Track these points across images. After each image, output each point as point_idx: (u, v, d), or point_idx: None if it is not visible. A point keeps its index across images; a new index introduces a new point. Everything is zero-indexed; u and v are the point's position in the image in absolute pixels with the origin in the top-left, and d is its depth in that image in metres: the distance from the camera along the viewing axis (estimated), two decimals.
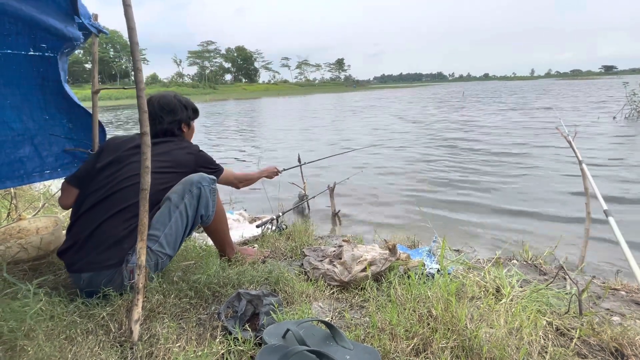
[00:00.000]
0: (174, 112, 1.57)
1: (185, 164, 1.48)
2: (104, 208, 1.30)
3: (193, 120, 1.68)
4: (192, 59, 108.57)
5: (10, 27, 1.37)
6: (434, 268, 1.58)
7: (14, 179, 1.65)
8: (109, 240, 1.25)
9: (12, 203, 2.31)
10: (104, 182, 1.36)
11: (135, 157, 1.38)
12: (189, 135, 1.69)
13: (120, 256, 1.25)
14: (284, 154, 7.39)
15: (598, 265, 2.30)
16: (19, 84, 1.55)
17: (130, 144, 1.45)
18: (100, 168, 1.40)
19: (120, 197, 1.31)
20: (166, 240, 1.33)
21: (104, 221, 1.27)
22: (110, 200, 1.31)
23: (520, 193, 4.08)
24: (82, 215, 1.32)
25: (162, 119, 1.55)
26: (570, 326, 1.19)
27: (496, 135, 8.31)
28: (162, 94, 1.61)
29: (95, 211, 1.30)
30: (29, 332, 0.98)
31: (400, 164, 5.95)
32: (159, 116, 1.54)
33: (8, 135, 1.58)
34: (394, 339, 1.07)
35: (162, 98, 1.57)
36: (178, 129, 1.59)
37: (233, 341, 1.07)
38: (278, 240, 2.13)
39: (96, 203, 1.32)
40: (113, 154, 1.42)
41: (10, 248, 1.64)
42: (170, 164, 1.44)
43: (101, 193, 1.33)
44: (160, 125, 1.55)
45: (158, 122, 1.54)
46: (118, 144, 1.46)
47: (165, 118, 1.55)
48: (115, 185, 1.34)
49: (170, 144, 1.52)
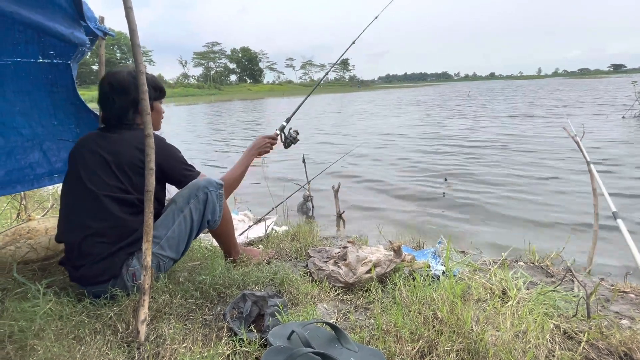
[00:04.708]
0: (127, 92, 1.32)
1: (133, 162, 1.27)
2: (79, 226, 1.25)
3: (157, 101, 1.45)
4: (198, 60, 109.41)
5: (20, 35, 1.40)
6: (439, 270, 1.57)
7: (24, 183, 1.68)
8: (95, 258, 1.23)
9: (21, 204, 2.35)
10: (69, 200, 1.30)
11: (86, 161, 1.28)
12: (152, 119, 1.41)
13: (113, 270, 1.24)
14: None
15: (607, 268, 2.26)
16: (29, 91, 1.58)
17: (82, 149, 1.32)
18: (65, 182, 1.34)
19: (88, 214, 1.24)
20: (168, 244, 1.33)
21: (83, 240, 1.24)
22: (80, 217, 1.25)
23: (527, 194, 4.04)
24: (65, 231, 1.30)
25: (113, 101, 1.33)
26: (578, 329, 1.17)
27: (500, 135, 8.23)
28: (115, 70, 1.39)
29: (74, 228, 1.27)
30: (38, 331, 1.00)
31: (406, 165, 5.93)
32: (110, 98, 1.33)
33: (18, 141, 1.61)
34: (399, 342, 1.07)
35: (113, 75, 1.35)
36: (134, 111, 1.36)
37: (238, 342, 1.07)
38: (283, 241, 2.13)
39: (71, 219, 1.28)
40: (73, 162, 1.32)
41: (20, 248, 1.67)
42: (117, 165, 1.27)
43: (69, 209, 1.29)
44: (110, 109, 1.34)
45: (108, 105, 1.33)
46: (75, 151, 1.34)
47: (117, 99, 1.32)
48: (78, 200, 1.27)
49: (125, 134, 1.31)
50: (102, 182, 1.25)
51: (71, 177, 1.32)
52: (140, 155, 1.25)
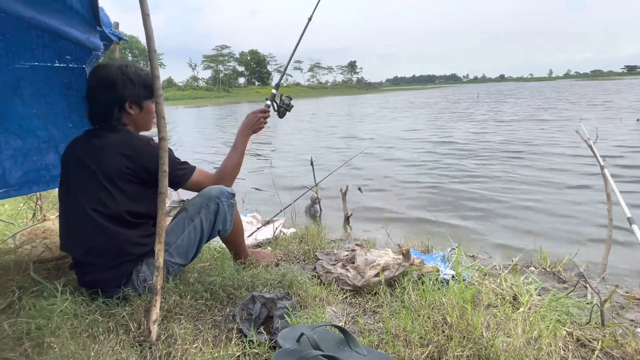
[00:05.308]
0: (113, 88, 1.23)
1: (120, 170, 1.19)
2: (78, 240, 1.24)
3: (147, 100, 1.31)
4: (207, 63, 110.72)
5: (38, 40, 1.44)
6: (448, 274, 1.56)
7: (40, 183, 1.72)
8: (101, 268, 1.24)
9: (37, 204, 2.41)
10: (64, 209, 1.28)
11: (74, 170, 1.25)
12: (141, 119, 1.33)
13: (121, 278, 1.25)
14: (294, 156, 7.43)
15: (621, 274, 2.21)
16: (45, 94, 1.62)
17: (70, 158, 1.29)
18: (60, 185, 1.31)
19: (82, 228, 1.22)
20: (177, 251, 1.34)
21: (85, 254, 1.24)
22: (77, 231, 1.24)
23: (539, 198, 3.97)
24: (66, 243, 1.31)
25: (97, 96, 1.25)
26: (591, 337, 1.15)
27: (510, 139, 8.12)
28: (105, 64, 1.31)
29: (73, 242, 1.27)
30: (55, 329, 1.02)
31: (414, 168, 5.90)
32: (95, 92, 1.25)
33: (34, 143, 1.65)
34: (408, 346, 1.06)
35: (102, 69, 1.27)
36: (119, 109, 1.26)
37: (248, 343, 1.08)
38: (291, 243, 2.14)
39: (69, 232, 1.28)
40: (64, 168, 1.30)
41: (36, 247, 1.71)
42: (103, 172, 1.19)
43: (66, 220, 1.28)
44: (94, 104, 1.26)
45: (93, 100, 1.26)
46: (66, 155, 1.32)
47: (101, 95, 1.24)
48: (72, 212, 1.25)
49: (108, 137, 1.22)
50: (92, 196, 1.20)
51: (63, 184, 1.29)
52: (126, 162, 1.19)
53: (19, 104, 1.57)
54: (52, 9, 1.30)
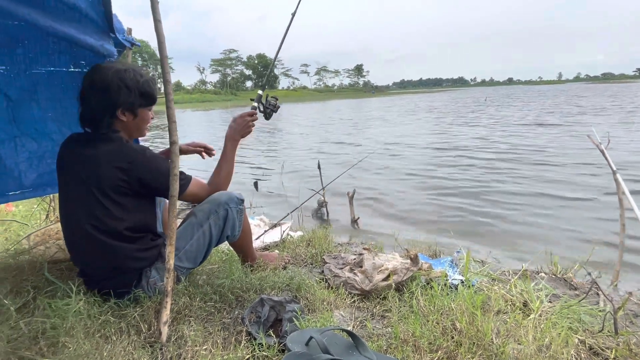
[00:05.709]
0: (106, 92, 1.17)
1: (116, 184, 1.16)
2: (80, 253, 1.26)
3: (142, 108, 1.26)
4: (215, 67, 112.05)
5: (54, 46, 1.49)
6: (456, 279, 1.55)
7: (54, 185, 1.76)
8: (108, 275, 1.25)
9: (50, 205, 2.46)
10: (64, 215, 1.28)
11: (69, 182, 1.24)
12: (134, 125, 1.27)
13: (130, 284, 1.27)
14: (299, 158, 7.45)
15: (635, 281, 2.17)
16: (60, 98, 1.66)
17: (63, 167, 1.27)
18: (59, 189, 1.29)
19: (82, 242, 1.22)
20: (186, 256, 1.36)
21: (89, 266, 1.26)
22: (78, 246, 1.26)
23: (549, 202, 3.92)
24: (71, 254, 1.32)
25: (90, 98, 1.19)
26: (604, 346, 1.13)
27: (519, 144, 8.03)
28: (102, 65, 1.24)
29: (76, 254, 1.28)
30: (69, 329, 1.04)
31: (421, 172, 5.87)
32: (87, 94, 1.19)
33: (49, 146, 1.70)
34: (417, 351, 1.06)
35: (98, 71, 1.20)
36: (111, 116, 1.20)
37: (257, 346, 1.09)
38: (298, 246, 2.15)
39: (72, 245, 1.28)
40: (60, 174, 1.29)
41: (50, 248, 1.75)
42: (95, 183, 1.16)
43: (68, 231, 1.28)
44: (86, 106, 1.20)
45: (85, 102, 1.20)
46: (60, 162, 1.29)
47: (94, 98, 1.18)
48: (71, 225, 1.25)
49: (102, 147, 1.17)
50: (90, 213, 1.18)
51: (61, 192, 1.28)
52: (120, 175, 1.16)
53: (35, 107, 1.62)
54: (69, 17, 1.33)
